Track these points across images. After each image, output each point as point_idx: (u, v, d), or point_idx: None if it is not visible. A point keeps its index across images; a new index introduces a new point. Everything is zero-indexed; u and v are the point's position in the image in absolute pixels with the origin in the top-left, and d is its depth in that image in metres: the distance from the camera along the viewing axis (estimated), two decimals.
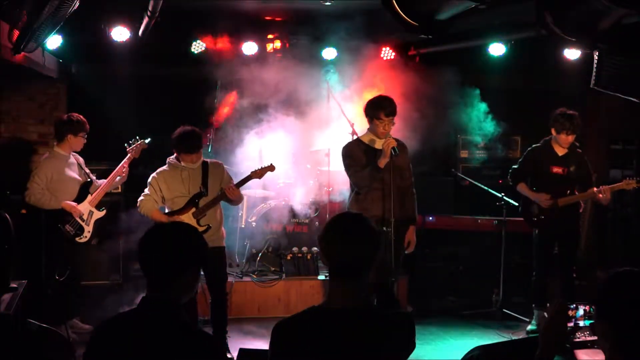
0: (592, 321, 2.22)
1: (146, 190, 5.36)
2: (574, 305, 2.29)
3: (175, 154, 5.37)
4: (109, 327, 2.40)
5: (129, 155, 5.86)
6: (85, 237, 5.73)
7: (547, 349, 2.25)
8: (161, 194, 5.33)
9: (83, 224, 5.70)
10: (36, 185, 5.53)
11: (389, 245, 5.06)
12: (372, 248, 2.45)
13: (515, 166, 6.32)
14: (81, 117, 5.80)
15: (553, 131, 6.01)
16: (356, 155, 5.26)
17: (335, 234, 2.44)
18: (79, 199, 5.73)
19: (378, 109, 5.13)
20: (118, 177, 5.89)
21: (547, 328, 2.27)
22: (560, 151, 6.05)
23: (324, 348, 2.33)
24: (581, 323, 2.30)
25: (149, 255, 2.40)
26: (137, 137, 5.92)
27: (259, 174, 5.60)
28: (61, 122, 5.78)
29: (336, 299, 2.42)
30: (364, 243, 2.42)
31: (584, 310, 2.30)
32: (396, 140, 5.21)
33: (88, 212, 5.75)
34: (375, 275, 2.62)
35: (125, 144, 5.89)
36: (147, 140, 5.93)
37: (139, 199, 5.36)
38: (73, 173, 5.75)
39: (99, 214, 5.83)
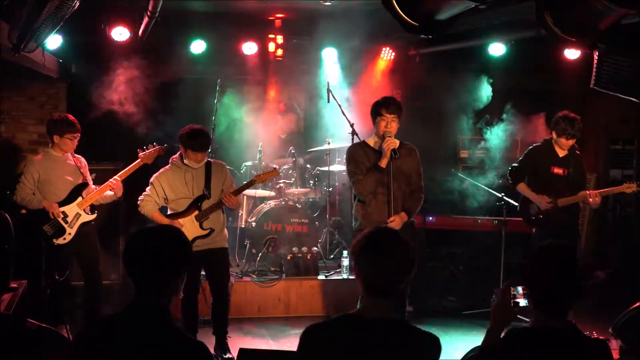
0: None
1: (147, 190, 5.26)
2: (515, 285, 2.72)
3: (179, 153, 5.29)
4: (96, 330, 2.38)
5: (137, 160, 5.57)
6: (65, 239, 5.45)
7: (497, 325, 2.67)
8: (163, 195, 5.24)
9: (66, 225, 5.44)
10: (23, 185, 5.45)
11: None
12: (406, 271, 2.45)
13: (515, 164, 6.28)
14: (70, 117, 5.55)
15: (554, 134, 5.94)
16: (360, 159, 5.15)
17: (371, 256, 2.44)
18: (68, 200, 5.50)
19: (380, 106, 5.08)
20: (110, 192, 5.57)
21: (496, 307, 2.68)
22: (561, 152, 6.02)
23: (355, 356, 2.34)
24: (520, 301, 2.69)
25: (136, 261, 2.36)
26: (154, 143, 5.66)
27: (262, 178, 5.57)
28: (48, 123, 5.62)
29: (369, 310, 2.44)
30: (398, 267, 2.43)
31: (522, 289, 2.69)
32: (406, 144, 5.15)
33: (74, 214, 5.48)
34: None
35: (139, 149, 5.62)
36: (164, 146, 5.63)
37: (139, 199, 5.25)
38: (66, 174, 5.53)
39: (87, 217, 5.55)
